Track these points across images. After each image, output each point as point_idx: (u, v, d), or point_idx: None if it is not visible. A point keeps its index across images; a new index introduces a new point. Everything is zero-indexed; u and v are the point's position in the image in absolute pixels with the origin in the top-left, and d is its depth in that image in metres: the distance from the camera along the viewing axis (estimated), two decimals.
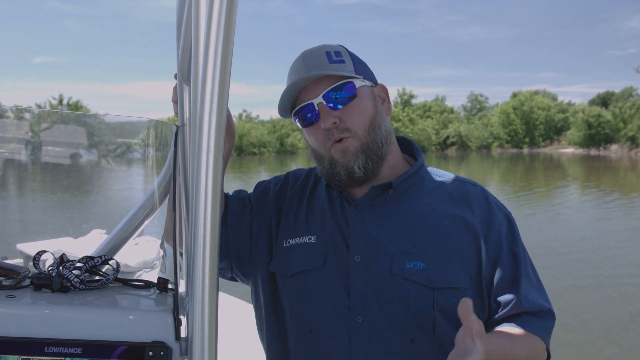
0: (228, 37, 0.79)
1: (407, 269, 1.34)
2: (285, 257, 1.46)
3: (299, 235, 1.46)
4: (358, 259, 1.37)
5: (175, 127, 1.23)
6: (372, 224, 1.40)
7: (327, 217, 1.45)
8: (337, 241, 1.41)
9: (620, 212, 18.19)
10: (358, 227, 1.40)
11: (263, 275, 1.51)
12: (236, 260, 1.52)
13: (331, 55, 1.42)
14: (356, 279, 1.36)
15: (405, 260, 1.35)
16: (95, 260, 1.17)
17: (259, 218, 1.54)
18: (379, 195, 1.43)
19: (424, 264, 1.34)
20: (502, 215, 1.44)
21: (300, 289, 1.42)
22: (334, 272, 1.39)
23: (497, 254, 1.39)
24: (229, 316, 3.43)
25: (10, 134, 1.46)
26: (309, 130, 1.44)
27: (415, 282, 1.33)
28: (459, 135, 79.84)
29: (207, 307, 0.88)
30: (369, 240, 1.38)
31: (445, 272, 1.35)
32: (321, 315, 1.38)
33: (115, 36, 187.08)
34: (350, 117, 1.38)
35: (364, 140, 1.39)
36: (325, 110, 1.38)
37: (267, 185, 1.60)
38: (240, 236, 1.52)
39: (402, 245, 1.37)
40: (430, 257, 1.35)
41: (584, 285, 9.43)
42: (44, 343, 0.96)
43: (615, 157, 61.63)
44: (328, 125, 1.37)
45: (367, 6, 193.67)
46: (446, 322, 1.34)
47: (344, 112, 1.38)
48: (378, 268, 1.36)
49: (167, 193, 1.28)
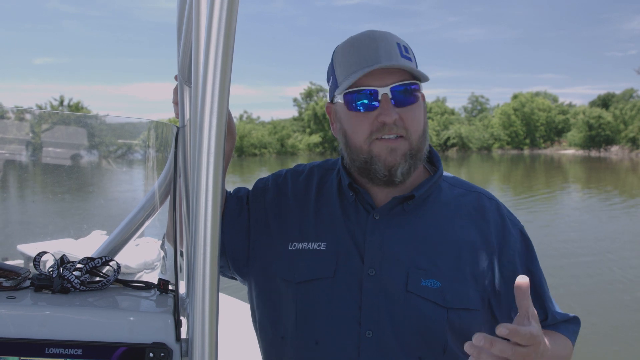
0: (228, 39, 0.79)
1: (423, 286, 1.31)
2: (291, 262, 1.40)
3: (307, 240, 1.41)
4: (372, 272, 1.33)
5: (176, 128, 1.23)
6: (390, 235, 1.36)
7: (340, 224, 1.40)
8: (350, 251, 1.36)
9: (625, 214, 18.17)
10: (375, 238, 1.36)
11: (261, 278, 1.47)
12: (232, 260, 1.50)
13: (401, 48, 1.34)
14: (369, 293, 1.32)
15: (421, 277, 1.31)
16: (96, 261, 1.17)
17: (257, 218, 1.50)
18: (397, 205, 1.38)
19: (440, 282, 1.31)
20: (516, 231, 1.42)
21: (308, 298, 1.36)
22: (345, 284, 1.34)
23: (512, 273, 1.34)
24: (229, 317, 3.42)
25: (11, 135, 1.46)
26: (357, 116, 1.33)
27: (430, 301, 1.30)
28: (460, 136, 79.82)
29: (207, 309, 0.87)
30: (385, 253, 1.34)
31: (460, 292, 1.32)
32: (329, 327, 1.34)
33: (115, 37, 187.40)
34: (410, 119, 1.32)
35: (414, 145, 1.34)
36: (388, 103, 1.30)
37: (266, 184, 1.56)
38: (236, 236, 1.49)
39: (418, 261, 1.33)
40: (446, 275, 1.32)
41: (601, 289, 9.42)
42: (44, 344, 0.96)
43: (616, 158, 61.60)
44: (391, 120, 1.29)
45: (368, 7, 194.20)
46: (456, 343, 1.31)
47: (405, 111, 1.32)
48: (393, 283, 1.32)
49: (168, 194, 1.28)
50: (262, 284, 1.47)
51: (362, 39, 1.35)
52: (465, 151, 79.22)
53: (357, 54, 1.33)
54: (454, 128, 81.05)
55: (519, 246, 1.40)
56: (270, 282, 1.44)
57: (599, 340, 7.09)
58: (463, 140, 79.75)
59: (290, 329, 1.39)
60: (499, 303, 1.36)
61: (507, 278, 1.35)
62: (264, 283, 1.47)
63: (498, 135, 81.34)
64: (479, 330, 1.29)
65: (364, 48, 1.32)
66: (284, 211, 1.49)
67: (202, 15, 0.89)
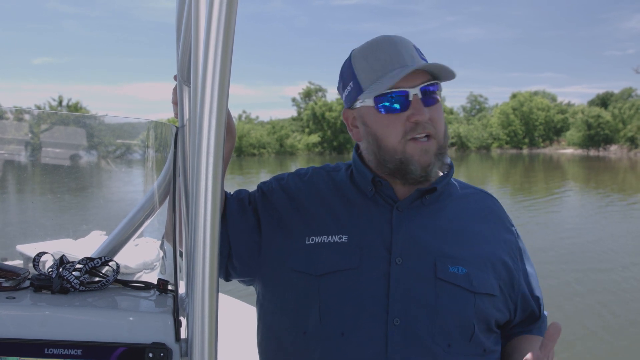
0: (228, 38, 0.79)
1: (451, 273, 1.35)
2: (309, 255, 1.40)
3: (326, 234, 1.41)
4: (400, 261, 1.36)
5: (175, 128, 1.23)
6: (415, 226, 1.40)
7: (361, 216, 1.42)
8: (374, 242, 1.38)
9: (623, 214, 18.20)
10: (402, 229, 1.39)
11: (274, 275, 1.44)
12: (239, 261, 1.47)
13: (418, 50, 1.42)
14: (397, 282, 1.34)
15: (448, 264, 1.36)
16: (95, 261, 1.17)
17: (267, 217, 1.48)
18: (417, 198, 1.43)
19: (465, 269, 1.36)
20: (514, 229, 1.53)
21: (332, 290, 1.36)
22: (371, 274, 1.35)
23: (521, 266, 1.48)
24: (229, 317, 3.42)
25: (9, 135, 1.46)
26: (389, 118, 1.37)
27: (458, 286, 1.35)
28: (459, 136, 79.82)
29: (207, 309, 0.87)
30: (412, 242, 1.38)
31: (483, 278, 1.38)
32: (355, 318, 1.34)
33: (114, 37, 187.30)
34: (436, 119, 1.38)
35: (441, 143, 1.40)
36: (419, 103, 1.35)
37: (271, 185, 1.55)
38: (242, 236, 1.47)
39: (444, 249, 1.38)
40: (470, 262, 1.38)
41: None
42: (44, 344, 0.96)
43: (614, 157, 61.68)
44: (425, 118, 1.35)
45: (366, 7, 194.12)
46: (482, 329, 1.37)
47: (432, 111, 1.37)
48: (421, 271, 1.35)
49: (167, 194, 1.28)
50: (276, 282, 1.45)
51: (382, 44, 1.40)
52: (464, 151, 79.28)
53: (382, 57, 1.38)
54: (453, 127, 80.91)
55: (519, 244, 1.51)
56: (286, 278, 1.42)
57: (602, 339, 7.10)
58: (462, 140, 79.79)
59: (313, 322, 1.37)
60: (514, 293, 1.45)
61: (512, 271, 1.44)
62: (278, 281, 1.44)
63: (497, 135, 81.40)
64: (496, 317, 1.40)
65: (387, 52, 1.38)
66: (296, 207, 1.48)
67: (201, 15, 0.89)
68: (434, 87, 1.38)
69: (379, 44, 1.40)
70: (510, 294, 1.44)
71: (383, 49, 1.38)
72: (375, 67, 1.38)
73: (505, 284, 1.42)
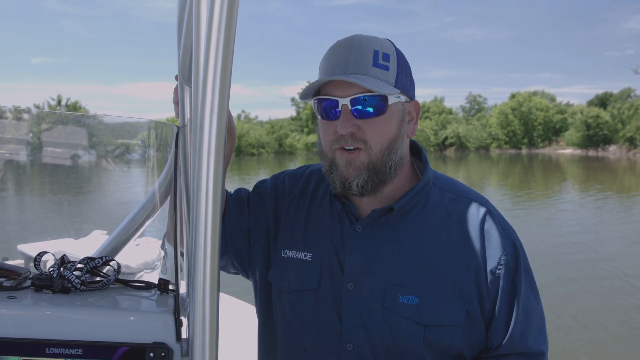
0: (229, 38, 0.79)
1: (400, 303, 1.30)
2: (282, 270, 1.45)
3: (296, 249, 1.43)
4: (352, 286, 1.34)
5: (176, 128, 1.23)
6: (370, 250, 1.35)
7: (325, 235, 1.41)
8: (333, 264, 1.38)
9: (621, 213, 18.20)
10: (355, 253, 1.36)
11: (260, 281, 1.51)
12: (236, 257, 1.53)
13: (378, 56, 1.29)
14: (349, 307, 1.34)
15: (398, 293, 1.30)
16: (96, 261, 1.17)
17: (257, 221, 1.52)
18: (381, 217, 1.36)
19: (418, 298, 1.29)
20: (508, 242, 1.35)
21: (295, 308, 1.41)
22: (328, 296, 1.36)
23: (496, 288, 1.32)
24: (229, 317, 3.43)
25: (9, 135, 1.46)
26: (324, 123, 1.34)
27: (406, 318, 1.29)
28: (458, 136, 79.79)
29: (208, 308, 0.88)
30: (364, 269, 1.34)
31: (439, 308, 1.29)
32: (314, 337, 1.38)
33: (113, 37, 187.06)
34: (371, 132, 1.29)
35: (374, 159, 1.30)
36: (348, 115, 1.28)
37: (266, 187, 1.57)
38: (238, 236, 1.52)
39: (397, 276, 1.32)
40: (425, 291, 1.30)
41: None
42: (45, 344, 0.96)
43: (613, 158, 61.67)
44: (344, 132, 1.28)
45: (365, 7, 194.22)
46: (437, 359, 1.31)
47: (366, 123, 1.28)
48: (371, 299, 1.32)
49: (168, 194, 1.28)
50: (262, 288, 1.52)
51: (340, 46, 1.33)
52: (463, 151, 79.24)
53: (329, 60, 1.32)
54: (452, 127, 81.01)
55: (509, 258, 1.33)
56: (267, 287, 1.50)
57: (604, 342, 7.11)
58: (461, 140, 79.73)
59: (281, 336, 1.45)
60: (484, 316, 1.32)
61: (493, 292, 1.32)
62: (262, 287, 1.52)
63: (496, 135, 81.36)
64: (460, 347, 1.31)
65: (337, 55, 1.31)
66: (280, 216, 1.51)
67: (202, 15, 0.89)
68: (370, 98, 1.27)
69: (338, 45, 1.33)
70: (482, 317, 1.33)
71: (337, 51, 1.32)
72: (322, 68, 1.33)
73: (476, 309, 1.31)
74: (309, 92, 1.34)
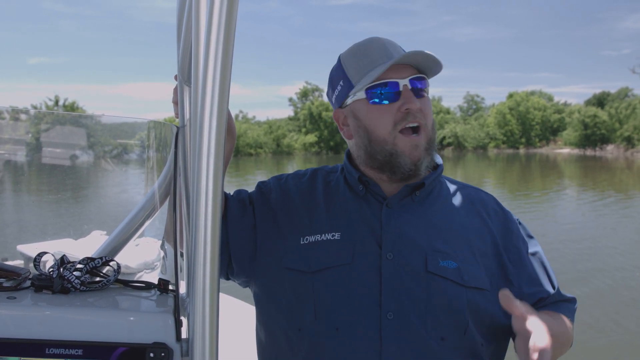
0: (228, 38, 0.79)
1: (442, 266, 1.36)
2: (304, 254, 1.41)
3: (319, 233, 1.43)
4: (390, 256, 1.37)
5: (176, 128, 1.23)
6: (405, 222, 1.41)
7: (353, 214, 1.44)
8: (366, 238, 1.40)
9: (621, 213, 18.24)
10: (392, 224, 1.41)
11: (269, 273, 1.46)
12: (237, 262, 1.49)
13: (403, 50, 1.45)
14: (388, 276, 1.36)
15: (439, 258, 1.37)
16: (96, 261, 1.17)
17: (263, 217, 1.50)
18: (407, 195, 1.45)
19: (456, 263, 1.37)
20: (515, 220, 1.52)
21: (326, 286, 1.38)
22: (364, 269, 1.37)
23: (519, 257, 1.46)
24: (229, 317, 3.43)
25: (7, 136, 1.46)
26: (379, 109, 1.40)
27: (449, 280, 1.35)
28: (455, 135, 79.89)
29: (207, 308, 0.88)
30: (402, 238, 1.39)
31: (473, 272, 1.38)
32: (349, 313, 1.36)
33: (110, 37, 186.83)
34: (426, 110, 1.41)
35: (430, 136, 1.43)
36: (410, 92, 1.38)
37: (269, 185, 1.57)
38: (241, 237, 1.49)
39: (434, 244, 1.39)
40: (460, 257, 1.39)
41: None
42: (45, 344, 0.96)
43: (611, 157, 61.80)
44: (416, 106, 1.37)
45: (363, 6, 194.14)
46: (477, 323, 1.37)
47: (422, 102, 1.40)
48: (412, 265, 1.36)
49: (168, 194, 1.28)
50: (272, 281, 1.47)
51: (370, 43, 1.44)
52: (461, 150, 79.35)
53: (370, 54, 1.42)
54: (450, 127, 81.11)
55: (522, 233, 1.50)
56: (281, 277, 1.44)
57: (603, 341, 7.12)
58: (459, 140, 79.84)
59: (309, 318, 1.39)
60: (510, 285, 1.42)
61: (515, 262, 1.45)
62: (273, 280, 1.46)
63: (494, 135, 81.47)
64: (492, 311, 1.38)
65: (375, 49, 1.42)
66: (292, 208, 1.50)
67: (201, 15, 0.89)
68: (421, 83, 1.41)
69: (367, 43, 1.45)
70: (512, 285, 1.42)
71: (372, 47, 1.43)
72: (364, 62, 1.42)
73: (498, 279, 1.42)
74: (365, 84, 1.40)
